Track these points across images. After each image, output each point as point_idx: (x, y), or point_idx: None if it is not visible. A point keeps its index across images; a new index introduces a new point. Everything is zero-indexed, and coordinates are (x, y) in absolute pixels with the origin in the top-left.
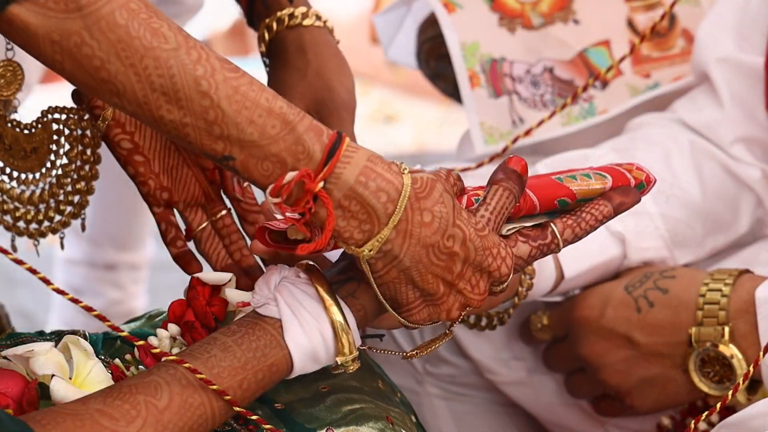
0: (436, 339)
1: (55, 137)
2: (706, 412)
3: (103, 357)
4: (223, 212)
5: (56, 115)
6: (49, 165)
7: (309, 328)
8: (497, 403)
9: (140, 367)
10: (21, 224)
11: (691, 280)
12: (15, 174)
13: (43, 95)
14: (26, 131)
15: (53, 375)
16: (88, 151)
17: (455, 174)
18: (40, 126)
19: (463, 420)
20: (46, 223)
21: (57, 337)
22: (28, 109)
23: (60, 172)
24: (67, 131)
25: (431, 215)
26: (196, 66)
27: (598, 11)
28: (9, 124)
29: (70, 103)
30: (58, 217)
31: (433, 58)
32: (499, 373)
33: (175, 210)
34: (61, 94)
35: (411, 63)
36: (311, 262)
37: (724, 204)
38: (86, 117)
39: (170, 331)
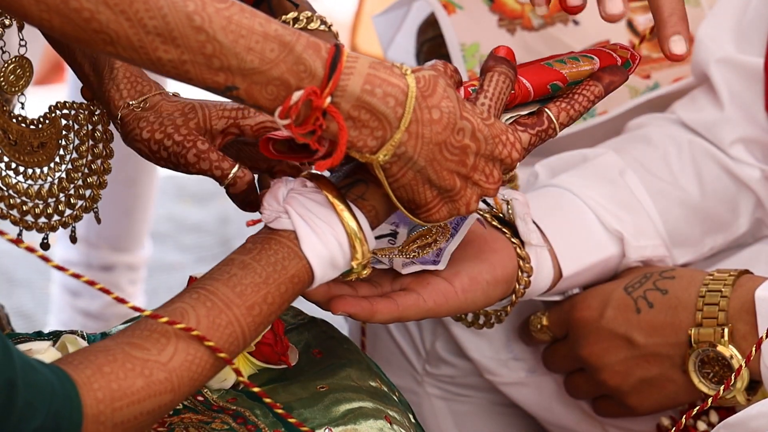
0: (436, 233)
1: (64, 132)
2: (697, 407)
3: None
4: None
5: (65, 111)
6: (58, 160)
7: (324, 235)
8: (497, 404)
9: None
10: (29, 218)
11: (690, 281)
12: (21, 169)
13: (37, 96)
14: (32, 126)
15: None
16: (100, 146)
17: (452, 66)
18: (47, 121)
19: (462, 420)
20: (56, 217)
21: (55, 337)
22: (23, 109)
23: (70, 166)
24: (76, 126)
25: (439, 112)
26: (186, 2)
27: (598, 12)
28: (14, 120)
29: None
30: (68, 211)
31: (433, 59)
32: (498, 374)
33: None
34: (56, 95)
35: (411, 63)
36: (315, 171)
37: (723, 204)
38: (97, 112)
39: None
